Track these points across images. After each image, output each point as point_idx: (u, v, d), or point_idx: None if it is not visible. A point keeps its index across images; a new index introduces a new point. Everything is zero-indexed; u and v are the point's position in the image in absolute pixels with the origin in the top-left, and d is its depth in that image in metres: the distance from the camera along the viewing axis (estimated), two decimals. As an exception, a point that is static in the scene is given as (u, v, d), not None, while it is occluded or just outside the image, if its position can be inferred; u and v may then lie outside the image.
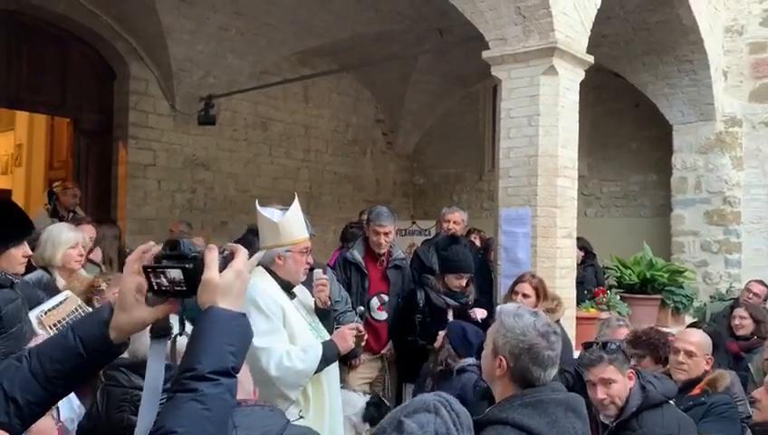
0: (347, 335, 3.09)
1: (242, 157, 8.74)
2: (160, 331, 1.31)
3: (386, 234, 4.45)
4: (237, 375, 1.20)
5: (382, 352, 4.60)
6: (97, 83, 7.76)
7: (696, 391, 3.25)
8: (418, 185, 11.30)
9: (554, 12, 4.96)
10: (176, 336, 1.30)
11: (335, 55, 9.02)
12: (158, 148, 7.89)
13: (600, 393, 2.66)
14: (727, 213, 7.81)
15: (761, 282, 6.33)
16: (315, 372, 2.94)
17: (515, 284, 4.10)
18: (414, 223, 10.18)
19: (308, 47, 8.53)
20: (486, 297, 4.93)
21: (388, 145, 10.94)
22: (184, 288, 1.25)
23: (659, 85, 7.88)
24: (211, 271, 1.23)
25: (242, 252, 1.29)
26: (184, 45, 7.56)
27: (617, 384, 2.63)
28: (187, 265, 1.25)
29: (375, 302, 4.55)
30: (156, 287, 1.27)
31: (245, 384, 2.23)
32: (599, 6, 5.52)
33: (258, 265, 3.16)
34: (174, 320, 1.34)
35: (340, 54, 8.94)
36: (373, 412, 3.65)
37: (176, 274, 1.25)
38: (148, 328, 1.33)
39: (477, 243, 6.12)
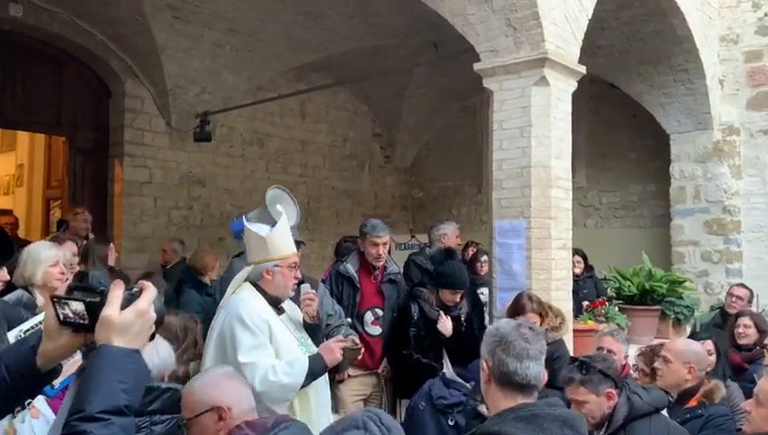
0: (334, 348, 3.04)
1: (238, 173, 8.73)
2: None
3: (384, 244, 4.44)
4: (131, 415, 1.16)
5: (378, 370, 4.54)
6: (92, 102, 7.78)
7: (693, 402, 3.20)
8: (417, 199, 11.28)
9: (545, 23, 4.95)
10: (80, 369, 1.30)
11: (331, 70, 9.04)
12: (154, 165, 7.89)
13: (573, 410, 2.65)
14: (727, 222, 7.74)
15: (742, 285, 6.29)
16: (302, 387, 2.89)
17: (516, 312, 3.88)
18: (413, 237, 10.13)
19: (303, 62, 8.55)
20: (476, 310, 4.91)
21: (386, 159, 10.94)
22: (86, 322, 1.24)
23: (655, 95, 7.86)
24: (111, 308, 1.21)
25: (149, 290, 1.27)
26: (179, 63, 7.58)
27: (589, 404, 2.63)
28: (88, 299, 1.24)
29: (369, 316, 4.50)
30: (62, 318, 1.26)
31: (244, 404, 2.21)
32: (590, 17, 5.51)
33: (246, 280, 3.14)
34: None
35: (335, 69, 8.96)
36: None
37: (78, 306, 1.24)
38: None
39: (469, 256, 6.11)
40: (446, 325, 4.19)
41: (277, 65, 8.42)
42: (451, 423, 3.63)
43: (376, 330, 4.48)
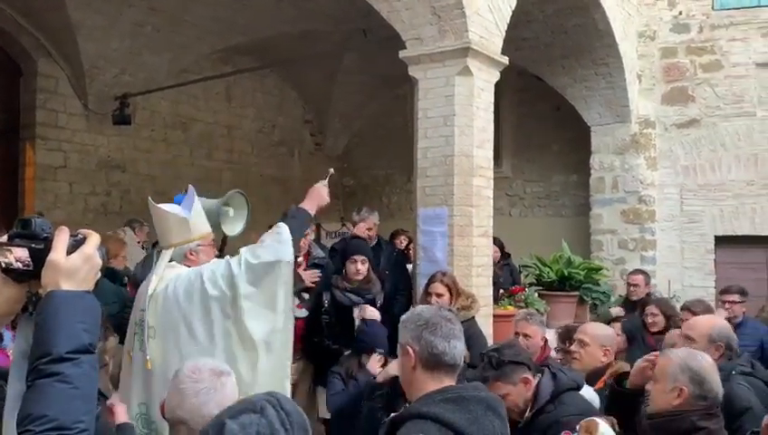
0: (321, 190, 3.19)
1: (160, 158, 8.43)
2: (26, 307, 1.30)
3: (305, 236, 4.41)
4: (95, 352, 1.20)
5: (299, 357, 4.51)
6: (1, 81, 7.33)
7: (600, 384, 3.30)
8: (348, 186, 11.23)
9: (468, 12, 4.99)
10: (30, 314, 1.28)
11: (258, 53, 8.84)
12: (70, 149, 7.53)
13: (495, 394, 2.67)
14: (642, 212, 8.08)
15: (636, 271, 6.49)
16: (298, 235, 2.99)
17: (428, 284, 4.11)
18: (344, 225, 10.07)
19: (229, 45, 8.33)
20: (402, 295, 4.95)
21: (316, 146, 10.83)
22: (30, 268, 1.23)
23: (578, 88, 8.08)
24: (57, 253, 1.21)
25: (94, 237, 1.27)
26: (96, 42, 7.24)
27: (510, 396, 2.61)
28: (33, 245, 1.23)
29: (294, 300, 4.48)
30: (3, 266, 1.25)
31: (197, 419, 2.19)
32: (513, 8, 5.58)
33: (170, 261, 3.10)
34: None
35: (263, 53, 8.78)
36: None
37: (22, 253, 1.23)
38: None
39: (402, 244, 6.14)
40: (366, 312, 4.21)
41: (202, 47, 8.17)
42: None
43: (302, 313, 4.47)
